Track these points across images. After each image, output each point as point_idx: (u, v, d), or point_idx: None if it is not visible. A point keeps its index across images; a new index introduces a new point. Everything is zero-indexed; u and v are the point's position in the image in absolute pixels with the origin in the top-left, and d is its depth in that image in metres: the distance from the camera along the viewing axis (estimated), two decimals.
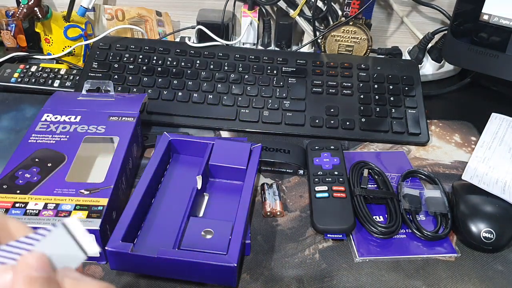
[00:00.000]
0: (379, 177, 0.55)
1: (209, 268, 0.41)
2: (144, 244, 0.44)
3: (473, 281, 0.45)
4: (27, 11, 0.68)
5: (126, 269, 0.43)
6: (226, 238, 0.43)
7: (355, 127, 0.63)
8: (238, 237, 0.43)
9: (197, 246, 0.42)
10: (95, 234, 0.42)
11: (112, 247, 0.41)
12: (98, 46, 0.72)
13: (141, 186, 0.47)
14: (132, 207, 0.45)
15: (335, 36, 0.73)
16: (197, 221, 0.45)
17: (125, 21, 0.81)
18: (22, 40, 0.77)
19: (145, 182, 0.48)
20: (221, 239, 0.43)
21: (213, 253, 0.41)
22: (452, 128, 0.67)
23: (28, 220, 0.42)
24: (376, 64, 0.71)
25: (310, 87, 0.67)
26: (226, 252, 0.41)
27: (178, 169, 0.54)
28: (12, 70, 0.70)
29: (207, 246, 0.42)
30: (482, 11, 0.63)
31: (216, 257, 0.41)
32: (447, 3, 0.78)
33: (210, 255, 0.41)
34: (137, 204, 0.45)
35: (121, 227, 0.42)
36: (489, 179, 0.53)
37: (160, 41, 0.76)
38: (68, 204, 0.44)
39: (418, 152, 0.62)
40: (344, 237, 0.48)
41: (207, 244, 0.42)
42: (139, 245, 0.42)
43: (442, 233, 0.48)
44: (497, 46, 0.63)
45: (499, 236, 0.47)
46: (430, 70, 0.77)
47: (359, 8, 0.70)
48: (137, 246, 0.41)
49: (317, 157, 0.55)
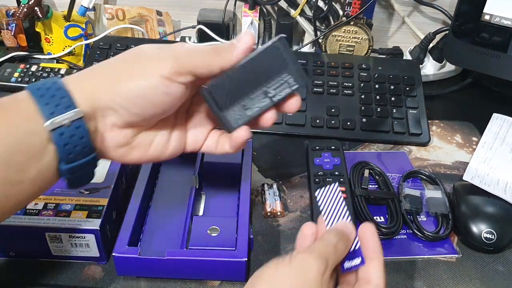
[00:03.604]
0: (380, 177, 0.55)
1: (220, 264, 0.41)
2: (149, 247, 0.44)
3: (474, 281, 0.45)
4: (28, 11, 0.68)
5: (134, 273, 0.43)
6: (232, 234, 0.43)
7: (356, 127, 0.63)
8: (245, 231, 0.43)
9: (205, 244, 0.42)
10: (95, 234, 0.42)
11: (119, 252, 0.41)
12: (98, 46, 0.72)
13: (139, 188, 0.47)
14: (133, 210, 0.45)
15: (336, 36, 0.73)
16: (201, 219, 0.46)
17: (126, 20, 0.80)
18: (22, 40, 0.77)
19: (142, 184, 0.48)
20: (227, 235, 0.43)
21: (222, 250, 0.42)
22: (453, 129, 0.67)
23: (28, 220, 0.42)
24: (377, 64, 0.71)
25: (310, 87, 0.67)
26: (235, 248, 0.42)
27: (172, 169, 0.54)
28: (12, 70, 0.70)
29: (215, 244, 0.42)
30: (483, 11, 0.62)
31: (225, 253, 0.41)
32: (449, 3, 0.77)
33: (219, 252, 0.41)
34: (137, 207, 0.45)
35: (125, 231, 0.42)
36: (490, 179, 0.53)
37: (160, 41, 0.76)
38: (68, 204, 0.44)
39: (419, 153, 0.62)
40: None
41: (215, 241, 0.43)
42: (145, 249, 0.42)
43: (443, 233, 0.48)
44: (498, 46, 0.63)
45: (500, 236, 0.47)
46: (431, 70, 0.77)
47: (360, 8, 0.70)
48: (142, 249, 0.41)
49: (318, 157, 0.55)
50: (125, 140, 0.34)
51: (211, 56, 0.33)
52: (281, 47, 0.34)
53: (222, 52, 0.33)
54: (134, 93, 0.32)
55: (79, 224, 0.42)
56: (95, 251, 0.43)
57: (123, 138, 0.34)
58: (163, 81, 0.32)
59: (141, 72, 0.32)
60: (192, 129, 0.38)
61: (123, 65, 0.33)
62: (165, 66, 0.32)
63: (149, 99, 0.32)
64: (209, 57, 0.33)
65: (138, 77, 0.32)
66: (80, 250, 0.43)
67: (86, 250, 0.43)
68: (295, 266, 0.32)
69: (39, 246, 0.43)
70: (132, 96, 0.32)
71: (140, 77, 0.32)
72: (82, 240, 0.42)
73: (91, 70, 0.33)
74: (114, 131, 0.33)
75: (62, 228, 0.42)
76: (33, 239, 0.43)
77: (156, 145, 0.36)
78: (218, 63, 0.33)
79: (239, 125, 0.36)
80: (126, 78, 0.32)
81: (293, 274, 0.31)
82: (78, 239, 0.42)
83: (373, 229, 0.35)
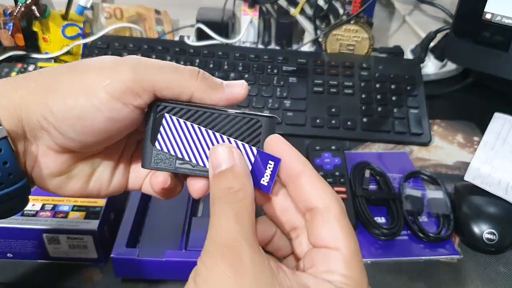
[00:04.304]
0: (380, 178, 0.54)
1: None
2: (148, 249, 0.43)
3: (475, 282, 0.45)
4: (25, 10, 0.68)
5: (132, 275, 0.42)
6: None
7: (356, 127, 0.63)
8: None
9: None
10: (93, 236, 0.42)
11: (117, 254, 0.40)
12: (96, 45, 0.71)
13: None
14: (132, 211, 0.44)
15: (336, 35, 0.72)
16: (200, 220, 0.45)
17: (124, 19, 0.80)
18: (20, 39, 0.76)
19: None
20: None
21: None
22: (454, 128, 0.66)
23: (25, 221, 0.42)
24: (377, 64, 0.70)
25: (311, 86, 0.67)
26: None
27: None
28: (9, 70, 0.70)
29: None
30: (484, 10, 0.62)
31: None
32: (450, 1, 0.77)
33: None
34: (136, 207, 0.45)
35: (124, 233, 0.42)
36: (491, 179, 0.53)
37: (159, 40, 0.76)
38: (66, 205, 0.44)
39: (421, 153, 0.61)
40: None
41: None
42: (143, 250, 0.42)
43: (445, 234, 0.48)
44: (499, 45, 0.62)
45: (501, 237, 0.47)
46: (432, 70, 0.76)
47: (361, 7, 0.69)
48: (141, 251, 0.41)
49: (318, 157, 0.55)
50: (62, 167, 0.28)
51: (185, 76, 0.26)
52: (266, 126, 0.27)
53: (203, 81, 0.27)
54: (71, 114, 0.25)
55: (77, 225, 0.41)
56: (93, 253, 0.43)
57: (59, 165, 0.28)
58: (111, 102, 0.25)
59: (83, 87, 0.25)
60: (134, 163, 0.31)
61: (64, 76, 0.26)
62: (116, 81, 0.25)
63: (90, 123, 0.25)
64: (183, 76, 0.26)
65: (79, 93, 0.25)
66: (78, 252, 0.43)
67: (84, 252, 0.43)
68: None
69: (37, 248, 0.43)
70: (69, 117, 0.25)
71: (81, 93, 0.25)
72: (80, 242, 0.42)
73: (25, 78, 0.26)
74: (50, 156, 0.27)
75: (60, 229, 0.41)
76: (31, 241, 0.42)
77: (97, 179, 0.30)
78: (191, 89, 0.26)
79: (157, 168, 0.28)
80: (64, 93, 0.25)
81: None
82: (76, 240, 0.42)
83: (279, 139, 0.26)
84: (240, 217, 0.23)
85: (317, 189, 0.25)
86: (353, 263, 0.24)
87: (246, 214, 0.23)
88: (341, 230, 0.24)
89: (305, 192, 0.25)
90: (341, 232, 0.24)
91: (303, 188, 0.25)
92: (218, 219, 0.23)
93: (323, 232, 0.24)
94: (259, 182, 0.26)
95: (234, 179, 0.24)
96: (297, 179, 0.25)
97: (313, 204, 0.25)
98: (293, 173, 0.26)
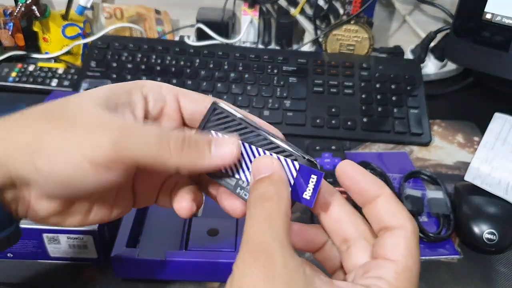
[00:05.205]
0: (381, 177, 0.54)
1: (219, 266, 0.41)
2: (148, 249, 0.43)
3: (475, 282, 0.45)
4: (25, 10, 0.68)
5: (133, 275, 0.42)
6: (232, 236, 0.43)
7: (356, 127, 0.62)
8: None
9: (204, 245, 0.42)
10: (93, 235, 0.42)
11: (117, 254, 0.40)
12: (96, 45, 0.71)
13: None
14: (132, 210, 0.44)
15: (336, 35, 0.72)
16: (200, 220, 0.45)
17: (124, 19, 0.80)
18: (20, 39, 0.76)
19: None
20: (227, 236, 0.43)
21: (222, 251, 0.41)
22: (454, 128, 0.66)
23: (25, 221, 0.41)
24: (378, 64, 0.70)
25: (311, 86, 0.67)
26: (235, 249, 0.41)
27: None
28: (9, 69, 0.70)
29: (214, 245, 0.42)
30: (485, 10, 0.62)
31: (225, 255, 0.41)
32: (450, 1, 0.77)
33: (218, 253, 0.41)
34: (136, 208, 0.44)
35: (124, 233, 0.42)
36: (491, 180, 0.53)
37: (159, 40, 0.76)
38: None
39: (421, 153, 0.61)
40: None
41: (214, 242, 0.42)
42: (143, 250, 0.42)
43: (445, 234, 0.48)
44: (500, 45, 0.62)
45: (501, 237, 0.47)
46: (432, 70, 0.76)
47: (361, 7, 0.69)
48: (141, 251, 0.41)
49: (318, 157, 0.55)
50: (57, 209, 0.27)
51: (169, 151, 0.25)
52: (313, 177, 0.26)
53: (189, 151, 0.25)
54: (58, 178, 0.25)
55: None
56: (93, 253, 0.43)
57: (54, 208, 0.27)
58: (96, 171, 0.24)
59: (68, 156, 0.24)
60: (140, 184, 0.31)
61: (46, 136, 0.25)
62: (98, 153, 0.24)
63: (78, 186, 0.25)
64: (167, 152, 0.25)
65: (63, 157, 0.24)
66: (78, 252, 0.43)
67: (84, 252, 0.43)
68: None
69: (37, 248, 0.43)
70: (54, 177, 0.25)
71: (65, 158, 0.24)
72: (80, 242, 0.42)
73: (14, 123, 0.26)
74: (43, 201, 0.26)
75: (60, 229, 0.41)
76: (31, 241, 0.42)
77: (96, 212, 0.29)
78: (176, 165, 0.25)
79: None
80: (50, 156, 0.24)
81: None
82: (76, 240, 0.42)
83: (352, 164, 0.27)
84: (274, 220, 0.23)
85: (392, 209, 0.25)
86: (404, 276, 0.23)
87: (280, 218, 0.23)
88: (405, 246, 0.24)
89: (380, 212, 0.26)
90: (404, 247, 0.24)
91: (379, 210, 0.26)
92: (251, 222, 0.24)
93: (387, 243, 0.24)
94: (301, 196, 0.26)
95: (271, 184, 0.25)
96: (374, 201, 0.26)
97: (389, 223, 0.25)
98: (370, 197, 0.26)
